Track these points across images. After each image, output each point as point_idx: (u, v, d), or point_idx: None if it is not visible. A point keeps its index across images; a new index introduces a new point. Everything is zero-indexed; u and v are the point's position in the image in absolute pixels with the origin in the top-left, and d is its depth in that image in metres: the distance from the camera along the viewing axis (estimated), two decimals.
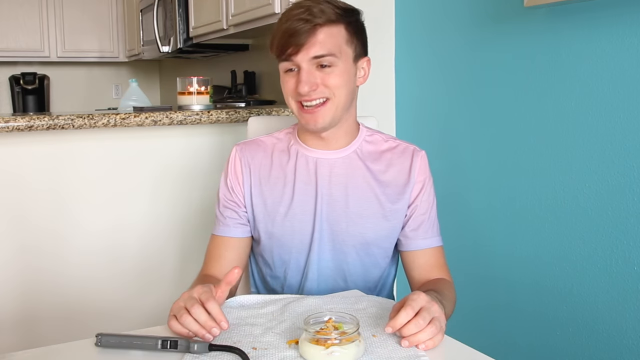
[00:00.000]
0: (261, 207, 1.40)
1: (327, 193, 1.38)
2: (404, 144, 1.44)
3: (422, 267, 1.40)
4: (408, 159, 1.41)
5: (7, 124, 1.82)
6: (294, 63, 1.30)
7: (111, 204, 2.07)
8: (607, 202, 1.61)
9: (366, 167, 1.39)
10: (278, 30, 1.31)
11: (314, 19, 1.27)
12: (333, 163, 1.39)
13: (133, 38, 4.81)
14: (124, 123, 1.98)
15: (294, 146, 1.42)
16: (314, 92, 1.29)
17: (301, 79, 1.28)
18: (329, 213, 1.38)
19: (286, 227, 1.39)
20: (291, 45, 1.27)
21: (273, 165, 1.42)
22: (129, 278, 2.12)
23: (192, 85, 2.40)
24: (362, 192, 1.38)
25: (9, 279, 1.94)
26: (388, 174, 1.40)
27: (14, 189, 1.93)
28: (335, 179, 1.38)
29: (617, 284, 1.60)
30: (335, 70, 1.31)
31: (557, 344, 1.77)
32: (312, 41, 1.27)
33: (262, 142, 1.45)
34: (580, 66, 1.65)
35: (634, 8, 1.50)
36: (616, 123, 1.57)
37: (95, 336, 1.04)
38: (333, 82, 1.30)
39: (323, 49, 1.28)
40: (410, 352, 0.99)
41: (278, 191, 1.40)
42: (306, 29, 1.27)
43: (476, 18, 1.98)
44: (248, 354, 0.97)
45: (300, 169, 1.39)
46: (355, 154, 1.40)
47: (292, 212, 1.39)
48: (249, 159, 1.42)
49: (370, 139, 1.43)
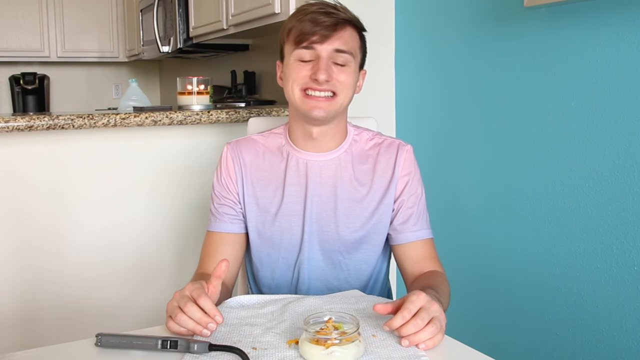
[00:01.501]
0: (253, 206, 1.42)
1: (317, 194, 1.40)
2: (389, 139, 1.46)
3: (414, 259, 1.41)
4: (393, 154, 1.43)
5: (7, 124, 1.82)
6: (314, 52, 1.32)
7: (111, 203, 2.07)
8: (607, 202, 1.61)
9: (354, 167, 1.42)
10: (299, 20, 1.33)
11: (340, 14, 1.32)
12: (323, 165, 1.41)
13: (133, 38, 4.81)
14: (124, 123, 1.98)
15: (286, 147, 1.44)
16: (327, 83, 1.31)
17: (321, 66, 1.30)
18: (318, 214, 1.40)
19: (276, 228, 1.41)
20: (317, 34, 1.30)
21: (265, 166, 1.43)
22: (129, 277, 2.12)
23: (192, 85, 2.40)
24: (350, 192, 1.40)
25: (8, 279, 1.94)
26: (374, 171, 1.42)
27: (13, 189, 1.93)
28: (324, 180, 1.40)
29: (617, 284, 1.60)
30: (349, 69, 1.34)
31: (557, 344, 1.77)
32: (338, 34, 1.32)
33: (253, 140, 1.47)
34: (580, 66, 1.65)
35: (634, 8, 1.50)
36: (616, 123, 1.57)
37: (95, 336, 1.04)
38: (345, 79, 1.33)
39: (346, 45, 1.32)
40: (410, 352, 0.99)
41: (269, 192, 1.42)
42: (334, 22, 1.31)
43: (476, 18, 1.98)
44: (248, 354, 0.97)
45: (291, 171, 1.41)
46: (344, 155, 1.42)
47: (281, 213, 1.40)
48: (241, 158, 1.44)
49: (358, 137, 1.45)
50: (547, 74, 1.75)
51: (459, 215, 2.11)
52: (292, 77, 1.34)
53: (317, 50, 1.31)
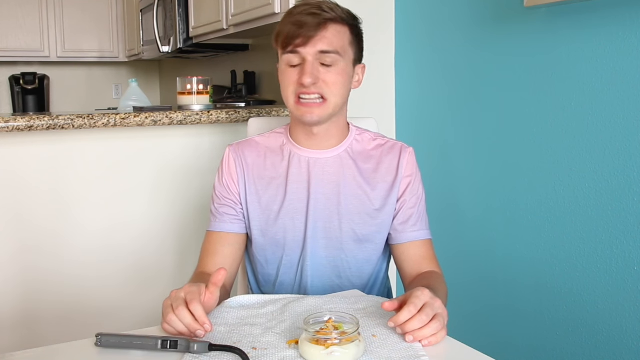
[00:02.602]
0: (256, 206, 1.42)
1: (320, 192, 1.40)
2: (391, 142, 1.47)
3: (413, 259, 1.42)
4: (396, 156, 1.44)
5: (7, 124, 1.82)
6: (300, 56, 1.31)
7: (111, 203, 2.07)
8: (607, 202, 1.61)
9: (356, 165, 1.42)
10: (285, 23, 1.34)
11: (324, 14, 1.31)
12: (325, 162, 1.42)
13: (133, 38, 4.81)
14: (124, 123, 1.98)
15: (287, 146, 1.45)
16: (314, 85, 1.31)
17: (305, 70, 1.30)
18: (322, 211, 1.40)
19: (279, 226, 1.41)
20: (300, 37, 1.30)
21: (266, 165, 1.44)
22: (129, 277, 2.13)
23: (192, 85, 2.40)
24: (353, 190, 1.41)
25: (9, 279, 1.94)
26: (377, 171, 1.43)
27: (13, 189, 1.93)
28: (327, 177, 1.41)
29: (617, 284, 1.60)
30: (337, 69, 1.33)
31: (557, 344, 1.77)
32: (321, 34, 1.31)
33: (255, 142, 1.48)
34: (580, 66, 1.65)
35: (634, 8, 1.50)
36: (616, 123, 1.57)
37: (95, 336, 1.04)
38: (332, 80, 1.33)
39: (330, 45, 1.31)
40: (410, 352, 0.99)
41: (272, 190, 1.42)
42: (316, 22, 1.30)
43: (476, 18, 1.98)
44: (248, 354, 0.97)
45: (293, 168, 1.42)
46: (346, 152, 1.43)
47: (285, 211, 1.41)
48: (242, 159, 1.44)
49: (360, 138, 1.46)
50: (547, 74, 1.75)
51: (458, 216, 2.11)
52: (285, 83, 1.36)
53: (302, 54, 1.32)
